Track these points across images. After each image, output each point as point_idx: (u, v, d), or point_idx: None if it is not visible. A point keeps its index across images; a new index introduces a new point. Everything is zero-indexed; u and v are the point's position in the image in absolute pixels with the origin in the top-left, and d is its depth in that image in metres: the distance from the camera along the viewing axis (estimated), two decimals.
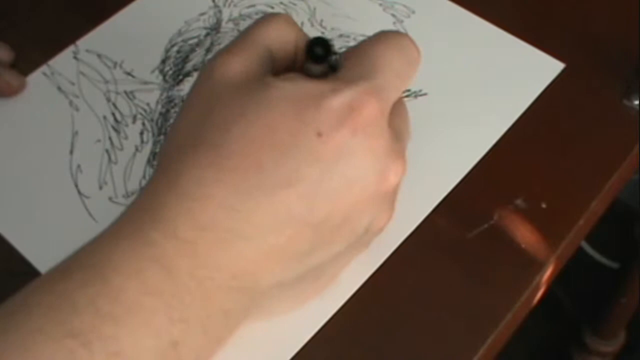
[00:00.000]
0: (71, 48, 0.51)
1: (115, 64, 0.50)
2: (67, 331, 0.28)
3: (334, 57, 0.35)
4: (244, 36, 0.36)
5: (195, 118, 0.34)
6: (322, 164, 0.32)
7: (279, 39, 0.36)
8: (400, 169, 0.35)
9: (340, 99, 0.33)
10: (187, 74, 0.50)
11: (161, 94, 0.49)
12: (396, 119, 0.36)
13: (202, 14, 0.53)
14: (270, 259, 0.32)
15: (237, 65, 0.34)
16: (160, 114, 0.48)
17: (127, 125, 0.47)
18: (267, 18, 0.37)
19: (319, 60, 0.34)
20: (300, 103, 0.32)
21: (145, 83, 0.49)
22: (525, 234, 0.42)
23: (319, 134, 0.32)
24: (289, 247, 0.33)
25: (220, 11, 0.53)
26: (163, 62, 0.50)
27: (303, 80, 0.34)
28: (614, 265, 1.15)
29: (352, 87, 0.33)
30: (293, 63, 0.37)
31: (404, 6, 0.52)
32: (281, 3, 0.53)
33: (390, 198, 0.36)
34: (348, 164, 0.33)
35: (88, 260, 0.31)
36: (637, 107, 0.47)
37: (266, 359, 0.38)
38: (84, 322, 0.28)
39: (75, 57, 0.51)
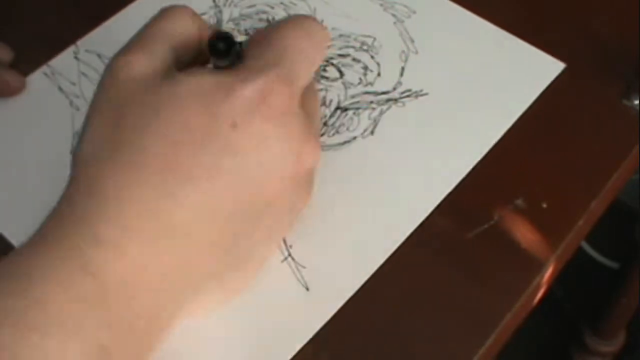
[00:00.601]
0: (71, 48, 0.51)
1: None
2: None
3: (237, 48, 0.35)
4: (143, 33, 0.36)
5: (107, 122, 0.33)
6: (239, 154, 0.33)
7: (181, 33, 0.36)
8: (315, 151, 0.36)
9: (250, 88, 0.33)
10: None
11: None
12: (307, 102, 0.36)
13: (203, 14, 0.53)
14: (198, 253, 0.33)
15: (142, 64, 0.34)
16: None
17: None
18: (165, 12, 0.37)
19: (222, 55, 0.34)
20: (211, 96, 0.33)
21: None
22: (525, 234, 0.42)
23: (233, 125, 0.32)
24: (214, 239, 0.33)
25: (220, 11, 0.53)
26: None
27: (211, 73, 0.34)
28: (614, 265, 1.15)
29: (261, 75, 0.33)
30: (198, 55, 0.37)
31: (405, 6, 0.52)
32: (281, 3, 0.53)
33: (308, 179, 0.37)
34: (265, 152, 0.33)
35: (12, 270, 0.31)
36: (637, 107, 0.47)
37: (266, 359, 0.38)
38: (10, 334, 0.28)
39: (75, 57, 0.51)
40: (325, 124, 0.47)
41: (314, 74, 0.37)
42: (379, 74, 0.49)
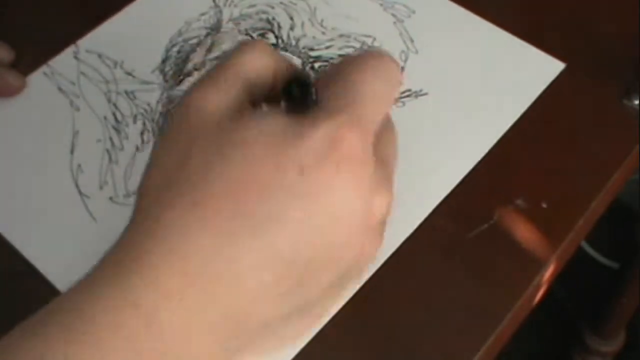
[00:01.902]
0: (71, 48, 0.51)
1: (115, 63, 0.50)
2: None
3: (312, 94, 0.34)
4: (221, 68, 0.35)
5: (173, 158, 0.33)
6: (305, 201, 0.31)
7: (257, 68, 0.35)
8: (386, 201, 0.34)
9: (320, 134, 0.32)
10: (188, 74, 0.50)
11: (162, 94, 0.49)
12: (382, 146, 0.35)
13: (203, 14, 0.53)
14: (257, 300, 0.32)
15: (215, 100, 0.33)
16: (161, 113, 0.48)
17: (127, 125, 0.47)
18: (244, 47, 0.36)
19: (295, 101, 0.34)
20: (281, 140, 0.32)
21: (146, 83, 0.49)
22: (525, 234, 0.42)
23: (301, 171, 0.31)
24: (275, 286, 0.32)
25: (220, 11, 0.53)
26: (163, 62, 0.50)
27: (281, 116, 0.33)
28: (614, 265, 1.15)
29: (332, 121, 0.32)
30: (272, 90, 0.36)
31: (404, 6, 0.52)
32: (281, 3, 0.53)
33: (377, 229, 0.35)
34: (332, 200, 0.32)
35: (66, 307, 0.30)
36: (637, 107, 0.47)
37: (266, 359, 0.38)
38: None
39: (75, 57, 0.51)
40: None
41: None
42: None
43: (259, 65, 0.35)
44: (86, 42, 0.52)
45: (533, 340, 1.08)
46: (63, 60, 0.51)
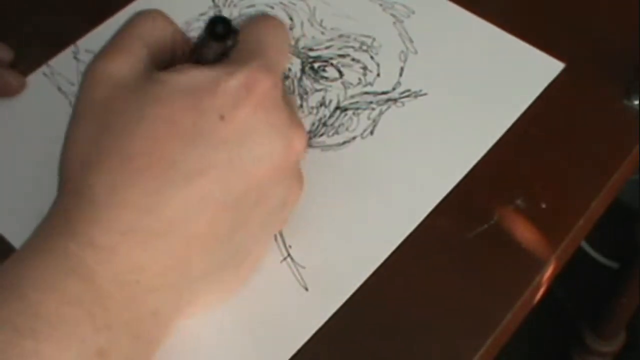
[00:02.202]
0: (71, 48, 0.51)
1: None
2: None
3: (235, 33, 0.35)
4: (119, 36, 0.36)
5: (91, 126, 0.33)
6: (229, 146, 0.33)
7: (155, 35, 0.36)
8: (303, 137, 0.36)
9: (235, 80, 0.33)
10: None
11: None
12: (285, 93, 0.37)
13: (202, 14, 0.53)
14: (192, 250, 0.33)
15: (122, 65, 0.34)
16: None
17: None
18: (139, 15, 0.37)
19: (219, 38, 0.35)
20: (198, 91, 0.33)
21: None
22: (525, 234, 0.42)
23: (221, 117, 0.33)
24: (208, 233, 0.33)
25: (220, 11, 0.53)
26: None
27: (195, 69, 0.34)
28: (614, 265, 1.15)
29: (244, 67, 0.34)
30: (172, 58, 0.37)
31: (404, 6, 0.52)
32: (280, 3, 0.53)
33: (297, 170, 0.37)
34: (254, 141, 0.33)
35: (5, 278, 0.31)
36: (637, 107, 0.47)
37: (266, 359, 0.38)
38: (4, 342, 0.28)
39: (75, 57, 0.51)
40: (324, 124, 0.47)
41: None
42: (378, 74, 0.49)
43: (157, 32, 0.36)
44: (86, 42, 0.52)
45: (533, 340, 1.08)
46: (63, 61, 0.51)
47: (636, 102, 0.47)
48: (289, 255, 0.41)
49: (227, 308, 0.39)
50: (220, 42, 0.35)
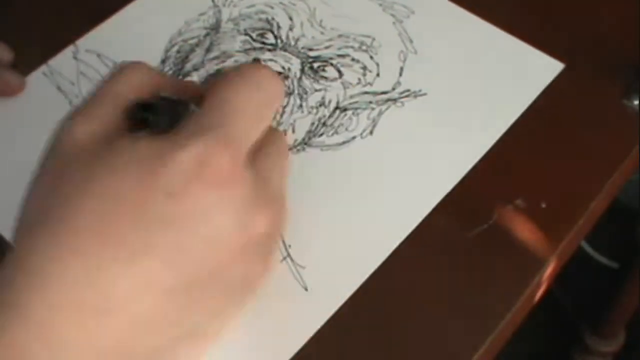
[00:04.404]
0: (71, 48, 0.51)
1: (115, 63, 0.50)
2: None
3: (163, 118, 0.33)
4: (97, 93, 0.34)
5: (44, 189, 0.32)
6: (176, 227, 0.30)
7: (135, 93, 0.34)
8: (269, 217, 0.33)
9: (186, 154, 0.30)
10: (187, 74, 0.50)
11: None
12: (262, 161, 0.34)
13: (202, 14, 0.53)
14: (137, 330, 0.30)
15: (89, 128, 0.32)
16: None
17: None
18: (122, 70, 0.35)
19: (141, 125, 0.32)
20: (146, 165, 0.30)
21: None
22: (525, 234, 0.42)
23: (169, 195, 0.30)
24: (155, 314, 0.30)
25: (220, 11, 0.53)
26: (163, 62, 0.50)
27: (149, 138, 0.31)
28: (614, 265, 1.15)
29: (198, 140, 0.30)
30: None
31: (404, 6, 0.52)
32: (280, 3, 0.53)
33: (263, 247, 0.34)
34: (206, 222, 0.31)
35: None
36: (637, 107, 0.47)
37: (265, 359, 0.38)
38: None
39: (75, 57, 0.51)
40: (324, 124, 0.47)
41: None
42: (378, 74, 0.49)
43: (136, 89, 0.34)
44: (85, 42, 0.52)
45: (533, 340, 1.08)
46: (62, 60, 0.51)
47: (636, 102, 0.47)
48: (288, 255, 0.41)
49: None
50: (142, 127, 0.32)
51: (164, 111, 0.33)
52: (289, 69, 0.49)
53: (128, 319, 0.30)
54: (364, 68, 0.49)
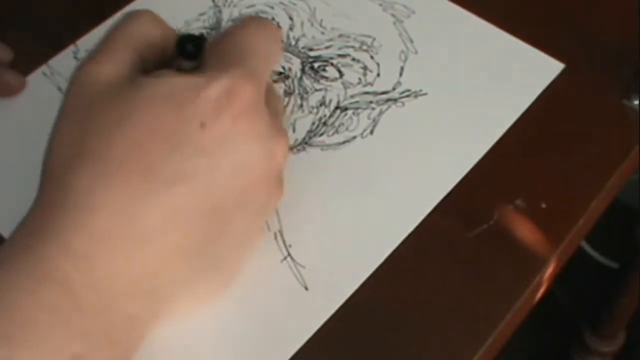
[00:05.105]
0: (71, 48, 0.51)
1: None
2: None
3: (205, 49, 0.35)
4: (107, 39, 0.36)
5: (74, 129, 0.33)
6: (208, 154, 0.32)
7: (144, 37, 0.36)
8: (284, 146, 0.36)
9: (216, 88, 0.33)
10: None
11: None
12: (269, 100, 0.37)
13: (202, 14, 0.53)
14: (170, 258, 0.32)
15: (107, 70, 0.34)
16: None
17: None
18: (129, 17, 0.37)
19: (190, 56, 0.35)
20: (178, 98, 0.33)
21: None
22: (525, 234, 0.42)
23: (202, 125, 0.32)
24: (186, 241, 0.33)
25: (220, 11, 0.53)
26: None
27: (176, 75, 0.34)
28: (614, 265, 1.15)
29: (226, 75, 0.33)
30: (162, 59, 0.37)
31: (404, 6, 0.52)
32: (281, 3, 0.53)
33: (278, 177, 0.37)
34: (234, 150, 0.33)
35: None
36: (637, 107, 0.47)
37: (265, 359, 0.38)
38: None
39: (75, 57, 0.51)
40: (324, 123, 0.47)
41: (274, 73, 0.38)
42: (378, 74, 0.49)
43: (145, 32, 0.36)
44: (86, 42, 0.52)
45: (533, 340, 1.08)
46: (63, 60, 0.51)
47: (636, 102, 0.47)
48: (289, 254, 0.41)
49: (227, 307, 0.39)
50: (191, 61, 0.35)
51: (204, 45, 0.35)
52: (290, 69, 0.49)
53: (162, 247, 0.32)
54: (365, 68, 0.49)
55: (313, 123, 0.47)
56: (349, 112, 0.47)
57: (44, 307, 0.29)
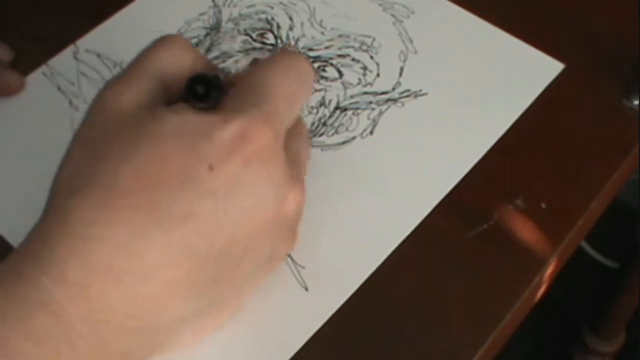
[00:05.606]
0: (71, 48, 0.51)
1: (115, 64, 0.50)
2: None
3: (217, 91, 0.34)
4: (135, 64, 0.35)
5: (85, 154, 0.33)
6: (215, 197, 0.31)
7: (173, 65, 0.35)
8: (299, 195, 0.34)
9: (231, 130, 0.32)
10: None
11: None
12: (294, 143, 0.35)
13: (202, 14, 0.53)
14: (168, 296, 0.31)
15: (128, 98, 0.33)
16: None
17: None
18: (158, 43, 0.36)
19: (199, 98, 0.33)
20: (191, 136, 0.32)
21: None
22: (525, 234, 0.42)
23: (211, 167, 0.31)
24: (187, 282, 0.32)
25: (220, 11, 0.53)
26: None
27: (192, 112, 0.33)
28: (614, 265, 1.15)
29: (242, 116, 0.32)
30: None
31: (404, 6, 0.52)
32: (280, 3, 0.53)
33: (290, 224, 0.36)
34: (243, 195, 0.32)
35: None
36: (637, 107, 0.47)
37: (265, 359, 0.39)
38: None
39: (75, 57, 0.51)
40: (324, 123, 0.47)
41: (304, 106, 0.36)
42: (378, 74, 0.49)
43: (174, 62, 0.35)
44: (86, 42, 0.52)
45: (533, 340, 1.08)
46: (62, 60, 0.51)
47: (636, 102, 0.47)
48: (289, 255, 0.41)
49: None
50: (200, 102, 0.33)
51: (218, 87, 0.34)
52: None
53: (162, 283, 0.31)
54: (364, 68, 0.49)
55: (313, 123, 0.47)
56: (349, 112, 0.47)
57: (33, 338, 0.29)
